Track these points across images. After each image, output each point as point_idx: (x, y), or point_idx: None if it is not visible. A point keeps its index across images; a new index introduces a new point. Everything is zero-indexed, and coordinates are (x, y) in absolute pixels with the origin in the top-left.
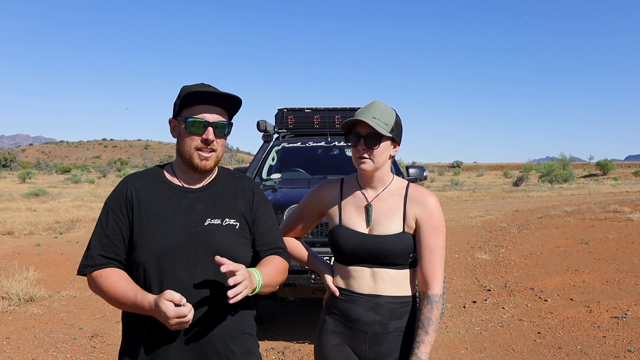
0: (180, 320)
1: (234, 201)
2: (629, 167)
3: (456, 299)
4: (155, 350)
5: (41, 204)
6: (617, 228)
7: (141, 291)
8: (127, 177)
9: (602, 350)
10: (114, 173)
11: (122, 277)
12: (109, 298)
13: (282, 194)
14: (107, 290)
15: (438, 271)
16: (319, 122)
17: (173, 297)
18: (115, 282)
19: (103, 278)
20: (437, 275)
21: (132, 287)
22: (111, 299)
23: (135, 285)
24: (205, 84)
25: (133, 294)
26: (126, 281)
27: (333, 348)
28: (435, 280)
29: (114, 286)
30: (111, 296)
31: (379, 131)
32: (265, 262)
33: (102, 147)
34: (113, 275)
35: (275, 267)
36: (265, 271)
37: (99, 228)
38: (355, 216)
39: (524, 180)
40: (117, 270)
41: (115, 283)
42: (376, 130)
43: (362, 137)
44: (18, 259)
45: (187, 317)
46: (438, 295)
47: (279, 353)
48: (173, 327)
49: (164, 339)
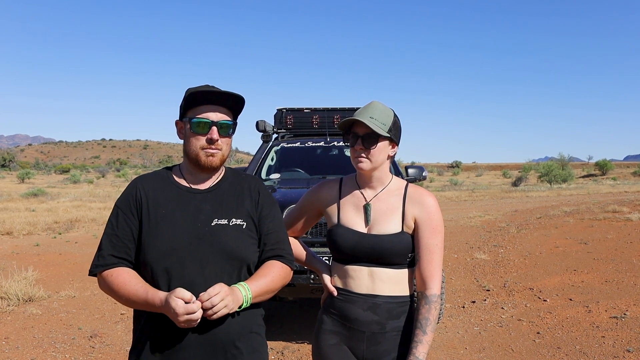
0: (189, 317)
1: (240, 201)
2: (628, 167)
3: (455, 299)
4: (164, 348)
5: (40, 204)
6: (616, 228)
7: (152, 289)
8: (136, 179)
9: (601, 350)
10: (113, 173)
11: (132, 276)
12: (119, 296)
13: (281, 194)
14: (117, 289)
15: (436, 271)
16: (318, 122)
17: (184, 296)
18: (126, 280)
19: (114, 277)
20: (436, 275)
21: (142, 285)
22: (122, 297)
23: (145, 283)
24: (209, 85)
25: (144, 292)
26: (137, 279)
27: (331, 348)
28: (434, 280)
29: (125, 284)
30: (122, 294)
31: (376, 131)
32: (262, 271)
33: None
34: (123, 274)
35: (272, 277)
36: (258, 283)
37: (110, 228)
38: (354, 215)
39: (523, 180)
40: (127, 269)
41: (126, 281)
42: (373, 130)
43: (360, 137)
44: (17, 259)
45: (196, 314)
46: (436, 296)
47: (278, 353)
48: (182, 325)
49: (171, 337)
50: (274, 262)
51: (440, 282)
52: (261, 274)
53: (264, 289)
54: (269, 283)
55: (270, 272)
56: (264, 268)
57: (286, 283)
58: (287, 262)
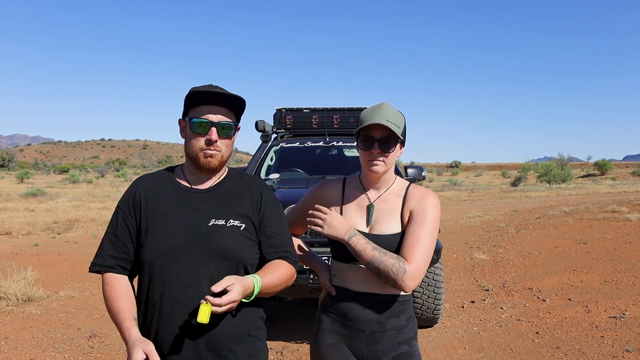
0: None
1: (240, 202)
2: (627, 167)
3: (454, 299)
4: (158, 349)
5: (39, 204)
6: (615, 228)
7: (131, 320)
8: (137, 179)
9: (600, 350)
10: (112, 173)
11: (125, 294)
12: (106, 306)
13: (281, 194)
14: (107, 299)
15: (416, 256)
16: (317, 122)
17: (149, 353)
18: (116, 296)
19: (109, 286)
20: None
21: (127, 310)
22: (107, 308)
23: (130, 310)
24: (212, 85)
25: (122, 318)
26: (126, 298)
27: (330, 347)
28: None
29: (113, 299)
30: (108, 306)
31: (395, 134)
32: (269, 267)
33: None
34: (119, 287)
35: (279, 274)
36: (267, 277)
37: (110, 228)
38: (356, 215)
39: (522, 180)
40: (125, 282)
41: (116, 297)
42: (393, 132)
43: (377, 141)
44: (16, 259)
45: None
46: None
47: (277, 353)
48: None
49: (165, 339)
50: (280, 261)
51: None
52: (269, 270)
53: (272, 283)
54: (276, 279)
55: (278, 270)
56: (272, 265)
57: (289, 284)
58: (292, 263)
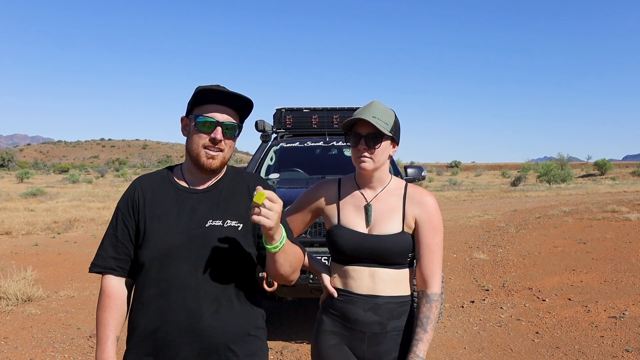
0: None
1: (237, 202)
2: (627, 167)
3: (454, 299)
4: (156, 349)
5: (39, 203)
6: (615, 228)
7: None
8: (136, 179)
9: (600, 350)
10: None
11: (117, 308)
12: (96, 313)
13: (280, 194)
14: (99, 307)
15: (437, 270)
16: (317, 122)
17: None
18: (110, 307)
19: (105, 294)
20: (436, 274)
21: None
22: (96, 316)
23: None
24: (220, 85)
25: (106, 335)
26: (117, 313)
27: (331, 348)
28: (434, 279)
29: (105, 309)
30: (98, 315)
31: (380, 130)
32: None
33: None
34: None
35: (295, 248)
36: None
37: (110, 229)
38: (354, 216)
39: (522, 180)
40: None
41: (110, 307)
42: (377, 129)
43: (363, 137)
44: (16, 258)
45: None
46: (437, 294)
47: (277, 353)
48: None
49: (163, 338)
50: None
51: (441, 281)
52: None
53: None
54: (293, 248)
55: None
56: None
57: (300, 265)
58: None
